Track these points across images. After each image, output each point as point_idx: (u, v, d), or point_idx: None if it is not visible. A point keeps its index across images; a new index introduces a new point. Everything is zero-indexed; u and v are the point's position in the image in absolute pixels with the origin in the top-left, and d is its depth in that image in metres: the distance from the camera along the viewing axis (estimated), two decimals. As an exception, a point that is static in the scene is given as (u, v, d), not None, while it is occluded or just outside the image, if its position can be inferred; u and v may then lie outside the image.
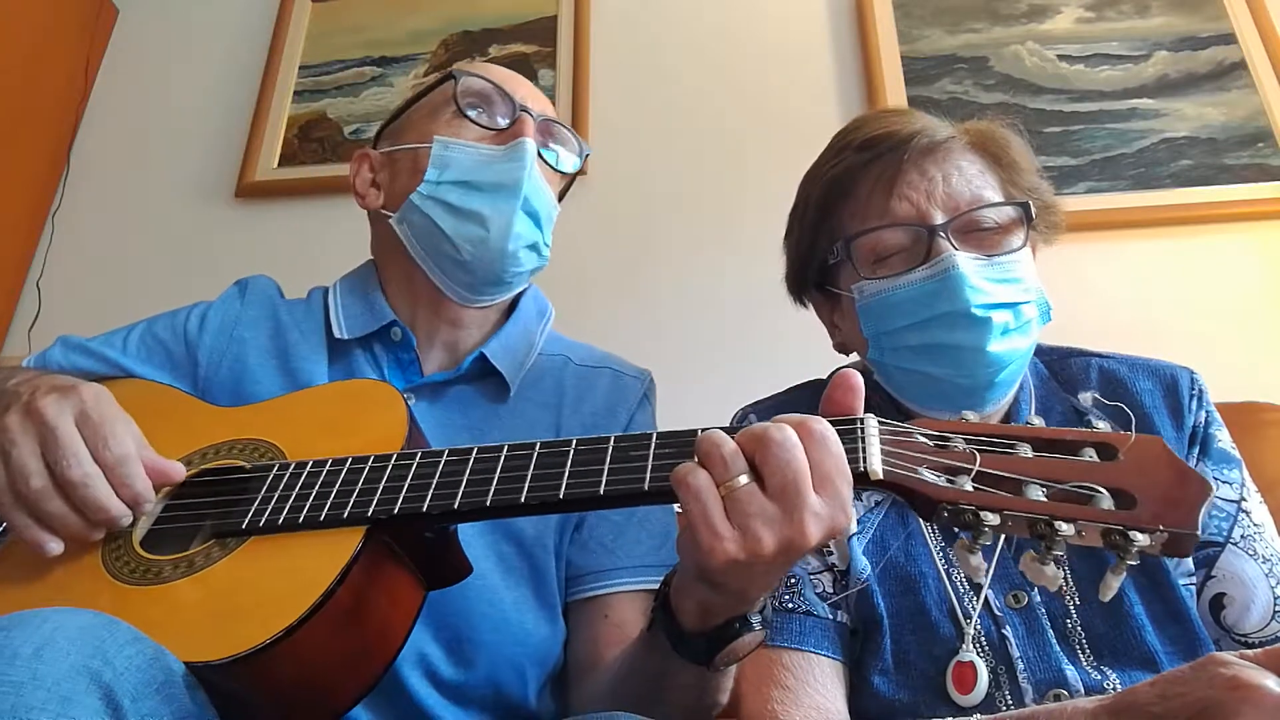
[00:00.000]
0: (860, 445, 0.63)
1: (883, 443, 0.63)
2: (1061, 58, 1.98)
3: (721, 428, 0.65)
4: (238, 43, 2.34)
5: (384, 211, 1.05)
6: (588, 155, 1.12)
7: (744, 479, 0.61)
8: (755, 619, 0.71)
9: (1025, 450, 0.61)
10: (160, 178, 2.22)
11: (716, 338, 1.82)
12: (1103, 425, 0.63)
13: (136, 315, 1.10)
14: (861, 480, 0.62)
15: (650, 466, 0.67)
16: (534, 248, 1.04)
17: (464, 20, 2.27)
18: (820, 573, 0.90)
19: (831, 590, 0.90)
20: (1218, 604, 0.84)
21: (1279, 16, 1.92)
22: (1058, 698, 0.78)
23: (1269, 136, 1.82)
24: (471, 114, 1.03)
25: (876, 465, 0.62)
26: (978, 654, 0.82)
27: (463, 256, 1.00)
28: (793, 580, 0.90)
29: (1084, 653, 0.81)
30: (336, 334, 1.02)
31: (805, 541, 0.60)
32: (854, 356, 1.02)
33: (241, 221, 2.13)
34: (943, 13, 2.07)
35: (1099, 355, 0.98)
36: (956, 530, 0.60)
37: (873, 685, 0.84)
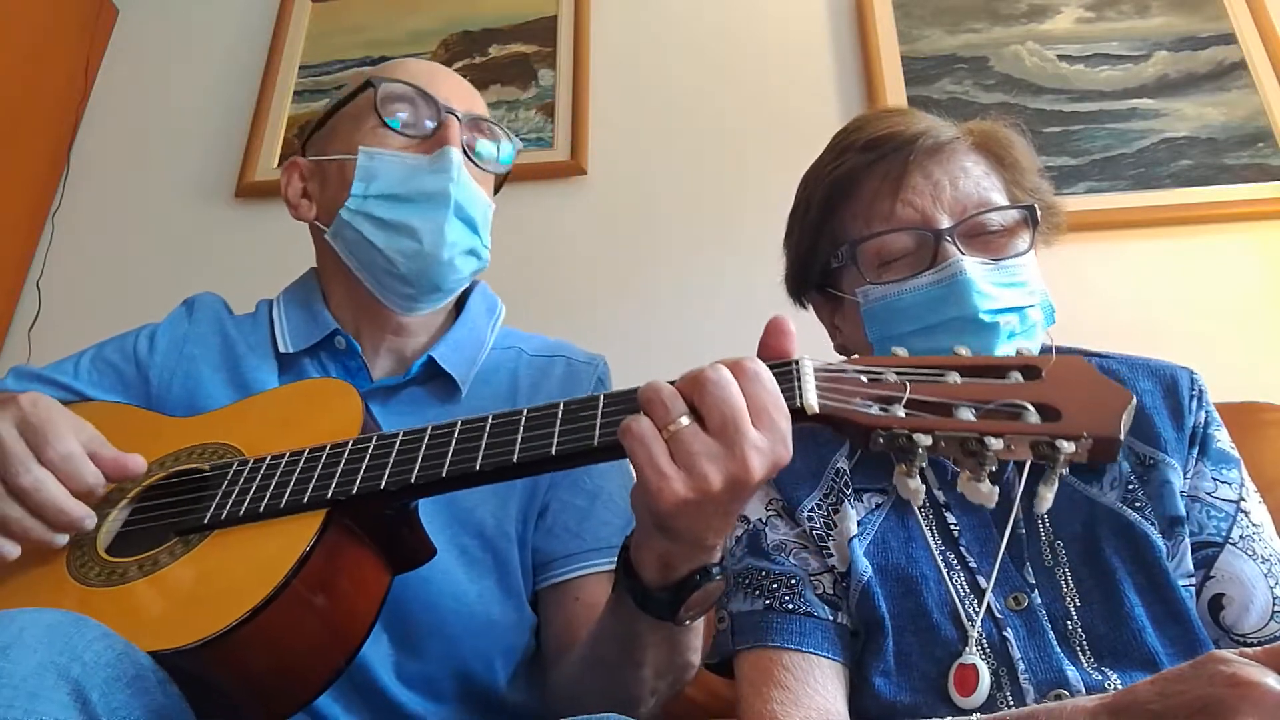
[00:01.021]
0: (796, 383, 0.66)
1: (817, 379, 0.66)
2: (1061, 58, 1.98)
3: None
4: (238, 43, 2.34)
5: (318, 224, 1.05)
6: (519, 149, 1.12)
7: (685, 420, 0.63)
8: (715, 569, 0.73)
9: (954, 377, 0.64)
10: (160, 178, 2.22)
11: (716, 338, 1.82)
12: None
13: (136, 315, 1.10)
14: (799, 416, 0.65)
15: (599, 424, 0.69)
16: (471, 252, 1.04)
17: (464, 20, 2.27)
18: (821, 574, 0.90)
19: (832, 591, 0.90)
20: (1217, 604, 0.84)
21: (1279, 16, 1.92)
22: (1059, 698, 0.78)
23: (1269, 136, 1.82)
24: (394, 124, 1.01)
25: (812, 399, 0.65)
26: (980, 656, 0.82)
27: (398, 270, 1.00)
28: (793, 581, 0.90)
29: (1085, 654, 0.81)
30: (281, 348, 1.03)
31: (749, 475, 0.62)
32: (855, 357, 1.01)
33: (241, 221, 2.13)
34: (943, 13, 2.07)
35: (1099, 355, 0.97)
36: (894, 457, 0.62)
37: (874, 686, 0.84)
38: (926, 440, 0.60)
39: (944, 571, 0.87)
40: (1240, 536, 0.86)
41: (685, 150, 2.04)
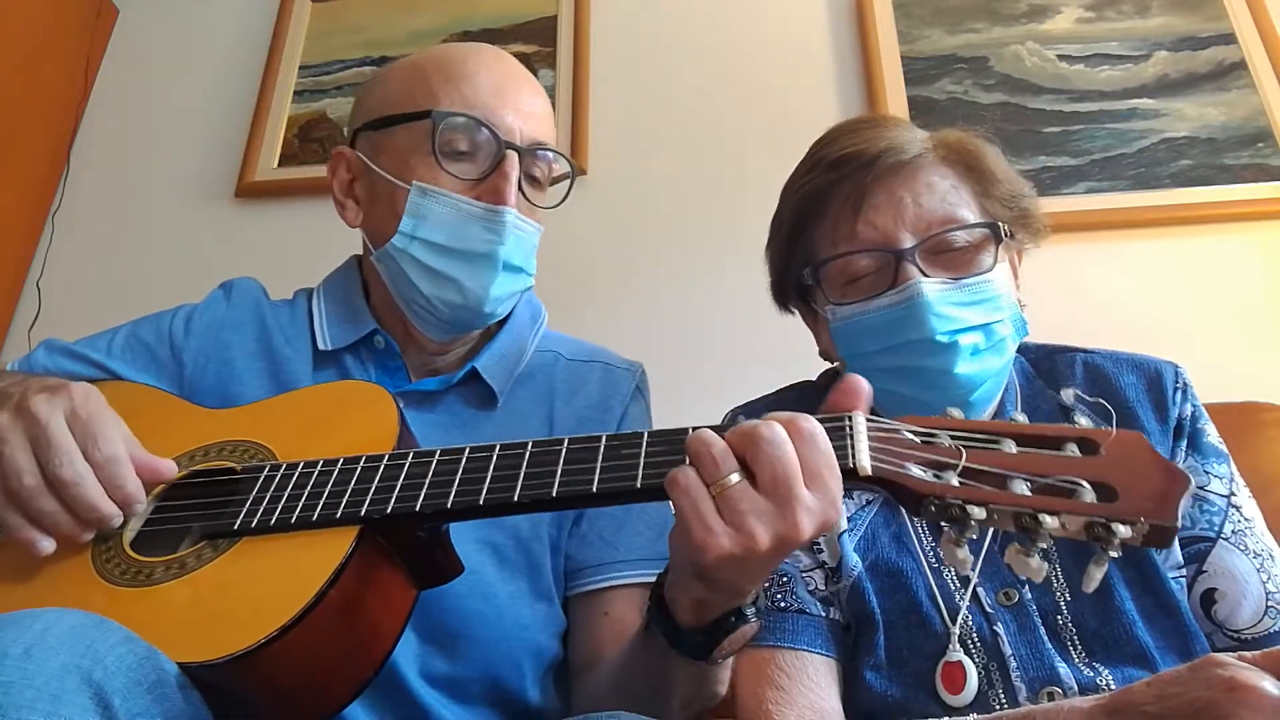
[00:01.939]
0: (849, 442, 0.64)
1: (870, 439, 0.65)
2: (1061, 58, 1.97)
3: (712, 427, 0.66)
4: (238, 43, 2.34)
5: (365, 239, 1.03)
6: (576, 176, 1.07)
7: (735, 477, 0.62)
8: (749, 610, 0.73)
9: (1009, 446, 0.62)
10: (160, 178, 2.22)
11: (716, 337, 1.82)
12: (1085, 421, 0.65)
13: (136, 315, 1.10)
14: (850, 476, 0.63)
15: (642, 464, 0.68)
16: (514, 292, 1.02)
17: (464, 20, 2.27)
18: (812, 570, 0.91)
19: (823, 587, 0.90)
20: (1209, 599, 0.84)
21: (1279, 16, 1.92)
22: (1051, 695, 0.78)
23: (1269, 136, 1.82)
24: (451, 167, 0.96)
25: (865, 461, 0.63)
26: (967, 653, 0.82)
27: (439, 315, 0.98)
28: (785, 578, 0.90)
29: (1075, 649, 0.81)
30: (321, 346, 1.01)
31: (798, 536, 0.61)
32: (838, 363, 1.02)
33: (241, 221, 2.13)
34: (943, 13, 2.07)
35: (1083, 351, 0.98)
36: (943, 525, 0.60)
37: (866, 681, 0.84)
38: (980, 513, 0.59)
39: (932, 567, 0.87)
40: (1232, 531, 0.86)
41: (685, 150, 2.04)
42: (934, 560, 0.87)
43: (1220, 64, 1.91)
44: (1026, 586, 0.84)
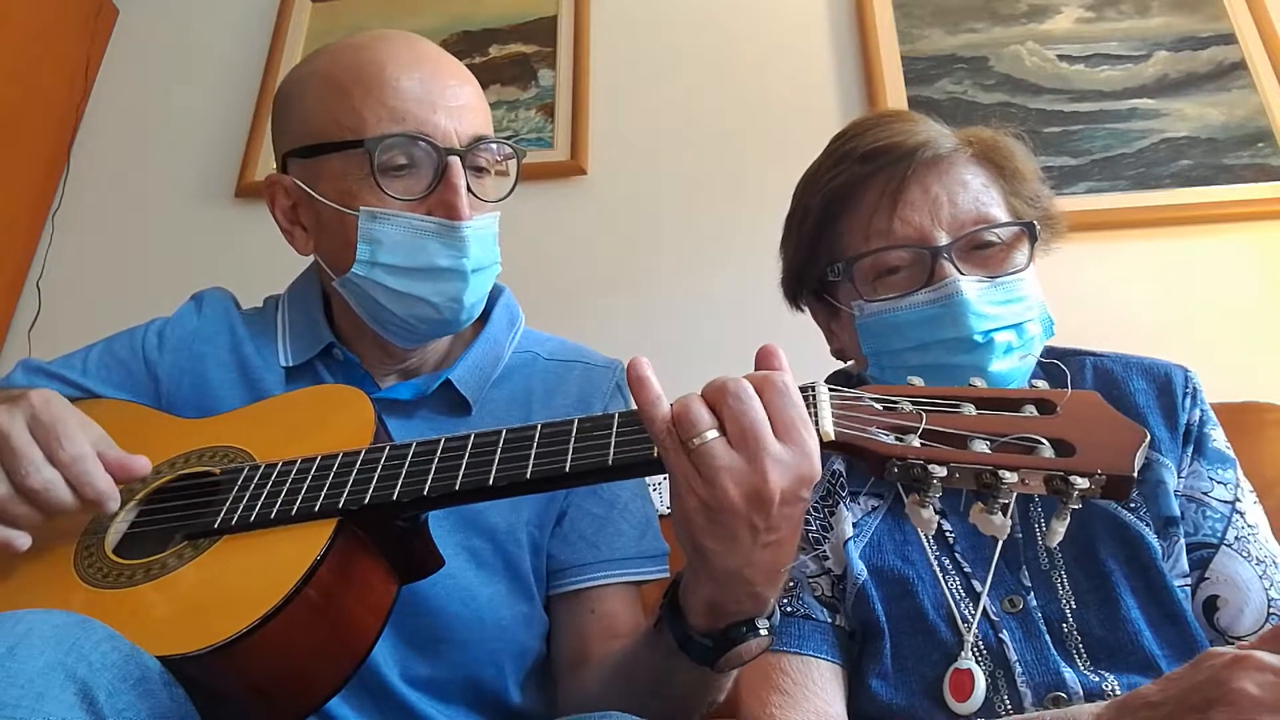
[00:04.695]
0: (812, 409, 0.65)
1: (833, 406, 0.66)
2: (1061, 58, 1.97)
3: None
4: (238, 43, 2.34)
5: (321, 264, 1.00)
6: (524, 157, 1.04)
7: (711, 433, 0.62)
8: (763, 625, 0.71)
9: (969, 409, 0.64)
10: (160, 178, 2.22)
11: (715, 338, 1.82)
12: (1042, 384, 0.67)
13: (137, 316, 1.10)
14: None
15: (614, 443, 0.69)
16: (486, 290, 1.00)
17: (464, 20, 2.27)
18: (818, 576, 0.91)
19: (829, 594, 0.90)
20: (1211, 606, 0.84)
21: (1279, 16, 1.92)
22: (1056, 701, 0.79)
23: (1269, 136, 1.82)
24: (393, 186, 0.91)
25: (828, 426, 0.64)
26: (975, 661, 0.82)
27: (416, 331, 0.97)
28: (791, 584, 0.90)
29: (1081, 656, 0.81)
30: (282, 361, 1.00)
31: (768, 488, 0.60)
32: (851, 362, 1.01)
33: (241, 221, 2.13)
34: (943, 13, 2.07)
35: (1093, 354, 0.98)
36: (907, 486, 0.62)
37: (871, 688, 0.84)
38: (941, 471, 0.60)
39: (939, 574, 0.87)
40: (1235, 538, 0.86)
41: (685, 150, 2.04)
42: (941, 568, 0.87)
43: (1220, 64, 1.91)
44: (1031, 594, 0.84)
